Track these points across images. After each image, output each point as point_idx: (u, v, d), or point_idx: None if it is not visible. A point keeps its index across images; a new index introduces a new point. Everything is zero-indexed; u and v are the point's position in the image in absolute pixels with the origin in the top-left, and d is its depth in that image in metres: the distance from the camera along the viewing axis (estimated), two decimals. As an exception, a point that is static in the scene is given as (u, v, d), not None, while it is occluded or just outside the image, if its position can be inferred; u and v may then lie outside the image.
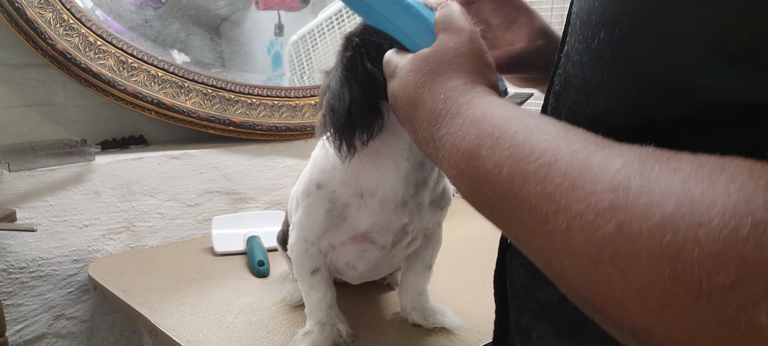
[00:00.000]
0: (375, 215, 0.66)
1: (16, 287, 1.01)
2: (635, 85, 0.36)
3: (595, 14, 0.38)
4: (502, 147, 0.35)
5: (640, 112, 0.35)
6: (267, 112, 1.27)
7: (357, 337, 0.74)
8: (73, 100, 1.12)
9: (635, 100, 0.36)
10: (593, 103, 0.39)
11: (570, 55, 0.42)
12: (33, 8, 0.99)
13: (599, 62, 0.38)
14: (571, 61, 0.42)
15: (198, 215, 1.20)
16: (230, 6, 1.26)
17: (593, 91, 0.39)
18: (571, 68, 0.42)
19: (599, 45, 0.37)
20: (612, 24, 0.36)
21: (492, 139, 0.37)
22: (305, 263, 0.71)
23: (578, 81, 0.41)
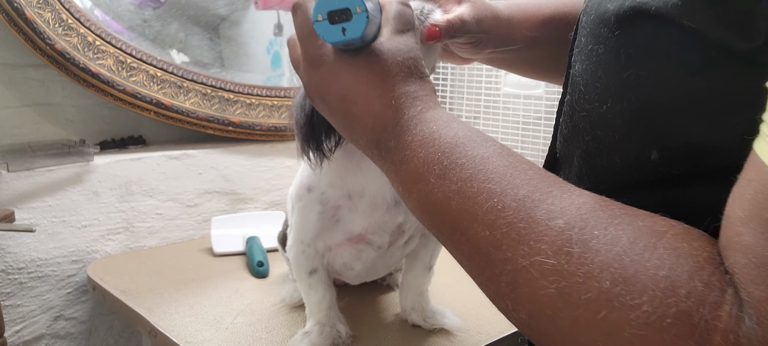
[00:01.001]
0: (367, 217, 0.66)
1: (15, 288, 1.01)
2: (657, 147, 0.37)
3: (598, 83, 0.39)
4: (451, 179, 0.37)
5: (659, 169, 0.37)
6: (266, 112, 1.27)
7: (357, 338, 0.74)
8: (72, 100, 1.12)
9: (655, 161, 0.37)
10: (608, 158, 0.40)
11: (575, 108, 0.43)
12: (32, 8, 0.99)
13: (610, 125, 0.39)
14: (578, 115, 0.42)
15: (197, 215, 1.20)
16: (229, 6, 1.26)
17: (606, 148, 0.40)
18: (579, 121, 0.42)
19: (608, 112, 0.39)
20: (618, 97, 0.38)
21: (440, 168, 0.38)
22: (303, 264, 0.71)
23: (588, 134, 0.42)
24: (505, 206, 0.34)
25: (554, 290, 0.31)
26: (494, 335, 0.76)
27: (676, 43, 0.34)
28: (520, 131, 1.23)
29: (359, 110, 0.43)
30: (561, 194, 0.34)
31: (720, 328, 0.26)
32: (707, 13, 0.32)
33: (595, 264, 0.30)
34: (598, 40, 0.39)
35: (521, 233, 0.33)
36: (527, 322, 0.33)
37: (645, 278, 0.28)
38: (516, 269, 0.33)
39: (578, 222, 0.32)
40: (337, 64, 0.44)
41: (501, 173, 0.36)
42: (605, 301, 0.29)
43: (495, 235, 0.34)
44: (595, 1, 0.41)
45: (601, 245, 0.30)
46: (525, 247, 0.32)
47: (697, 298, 0.27)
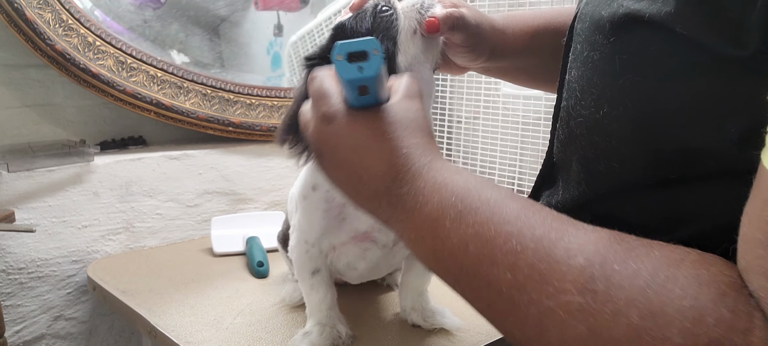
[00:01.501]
0: None
1: (15, 288, 1.01)
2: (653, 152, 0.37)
3: (594, 89, 0.40)
4: (467, 223, 0.37)
5: (656, 174, 0.37)
6: (266, 112, 1.27)
7: (356, 338, 0.74)
8: (72, 100, 1.12)
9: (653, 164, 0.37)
10: (606, 162, 0.40)
11: (572, 114, 0.43)
12: (32, 9, 0.99)
13: (606, 130, 0.40)
14: (575, 120, 0.43)
15: (197, 215, 1.20)
16: (229, 6, 1.26)
17: (603, 153, 0.41)
18: (576, 127, 0.43)
19: (604, 118, 0.39)
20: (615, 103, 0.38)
21: (455, 212, 0.38)
22: (306, 264, 0.71)
23: (585, 140, 0.42)
24: (525, 247, 0.34)
25: (585, 330, 0.31)
26: (494, 334, 0.76)
27: (670, 50, 0.34)
28: (520, 132, 1.23)
29: (371, 159, 0.44)
30: (575, 231, 0.34)
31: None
32: (698, 21, 0.32)
33: (622, 300, 0.30)
34: (593, 46, 0.40)
35: (544, 273, 0.33)
36: None
37: (671, 310, 0.28)
38: (542, 310, 0.32)
39: (597, 258, 0.32)
40: (351, 118, 0.45)
41: (515, 215, 0.36)
42: (636, 337, 0.29)
43: (517, 277, 0.34)
44: (590, 9, 0.41)
45: (624, 280, 0.30)
46: (549, 287, 0.32)
47: (727, 325, 0.27)
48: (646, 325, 0.29)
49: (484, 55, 0.63)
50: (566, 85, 0.45)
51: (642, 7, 0.35)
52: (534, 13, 0.68)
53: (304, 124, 0.50)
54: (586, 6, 0.43)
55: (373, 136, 0.44)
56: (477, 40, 0.61)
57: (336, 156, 0.46)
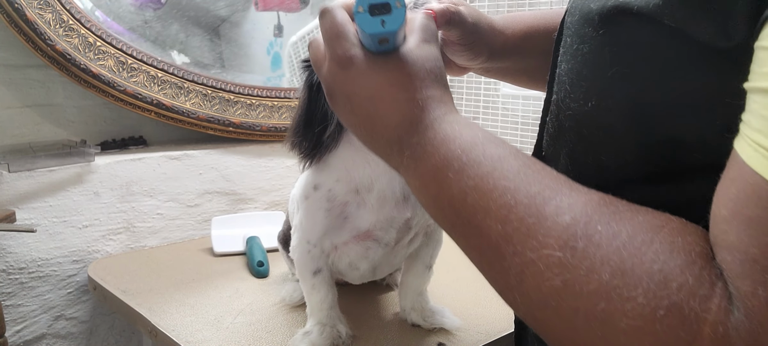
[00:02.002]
0: (376, 212, 0.67)
1: (16, 288, 1.01)
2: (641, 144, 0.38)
3: (584, 81, 0.41)
4: (468, 175, 0.39)
5: (644, 167, 0.38)
6: (266, 112, 1.27)
7: (356, 338, 0.74)
8: (73, 100, 1.12)
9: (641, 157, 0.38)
10: (594, 156, 0.41)
11: (561, 107, 0.44)
12: (33, 9, 0.99)
13: (595, 123, 0.41)
14: (564, 114, 0.44)
15: (197, 215, 1.20)
16: (230, 7, 1.27)
17: (592, 146, 0.42)
18: (565, 120, 0.44)
19: (593, 110, 0.40)
20: (604, 95, 0.39)
21: (459, 164, 0.40)
22: (307, 265, 0.71)
23: (574, 133, 0.43)
24: (518, 202, 0.36)
25: (559, 282, 0.32)
26: (493, 334, 0.76)
27: (658, 42, 0.35)
28: (519, 131, 1.23)
29: (386, 109, 0.44)
30: (569, 191, 0.36)
31: (709, 320, 0.28)
32: (686, 13, 0.33)
33: (597, 258, 0.31)
34: (583, 39, 0.40)
35: (531, 227, 0.34)
36: (532, 313, 0.35)
37: (641, 271, 0.30)
38: (524, 261, 0.34)
39: (583, 218, 0.33)
40: (368, 66, 0.45)
41: (515, 172, 0.37)
42: (604, 293, 0.30)
43: (507, 229, 0.36)
44: (579, 2, 0.42)
45: (603, 240, 0.32)
46: (533, 241, 0.34)
47: (688, 291, 0.28)
48: (615, 283, 0.30)
49: (483, 55, 0.63)
50: (556, 79, 0.45)
51: (630, 0, 0.36)
52: (534, 14, 0.68)
53: (317, 61, 0.49)
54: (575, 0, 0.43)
55: (389, 86, 0.44)
56: (475, 38, 0.61)
57: (350, 101, 0.46)
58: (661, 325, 0.28)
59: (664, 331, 0.28)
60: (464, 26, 0.60)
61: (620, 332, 0.30)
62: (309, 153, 0.64)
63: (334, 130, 0.62)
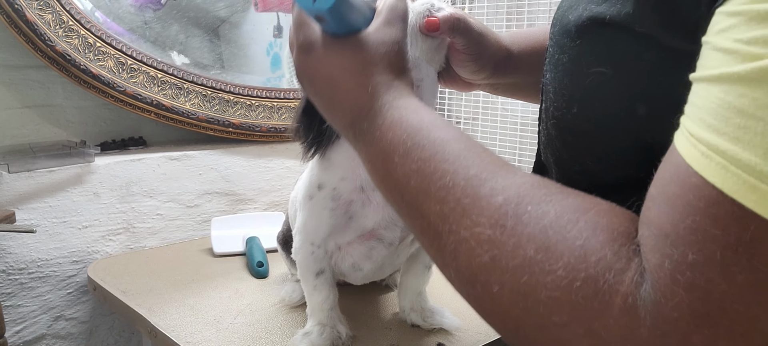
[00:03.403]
0: (381, 209, 0.66)
1: (16, 288, 1.01)
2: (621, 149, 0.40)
3: (565, 90, 0.42)
4: (412, 159, 0.41)
5: (626, 172, 0.40)
6: (266, 113, 1.27)
7: (356, 338, 0.74)
8: (73, 101, 1.13)
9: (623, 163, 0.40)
10: (581, 163, 0.43)
11: (548, 115, 0.46)
12: (33, 10, 0.99)
13: (577, 130, 0.42)
14: (550, 122, 0.45)
15: (197, 216, 1.20)
16: (229, 8, 1.27)
17: (577, 153, 0.43)
18: (551, 128, 0.45)
19: (575, 118, 0.42)
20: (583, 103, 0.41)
21: (404, 148, 0.42)
22: (310, 266, 0.71)
23: (559, 140, 0.45)
24: (455, 184, 0.38)
25: (488, 258, 0.34)
26: (493, 334, 0.77)
27: (631, 49, 0.37)
28: (519, 133, 1.24)
29: (341, 93, 0.47)
30: (506, 173, 0.37)
31: (621, 291, 0.29)
32: (656, 20, 0.34)
33: (524, 236, 0.33)
34: (563, 49, 0.42)
35: (466, 208, 0.36)
36: (465, 288, 0.37)
37: (563, 247, 0.31)
38: (458, 239, 0.36)
39: (515, 198, 0.35)
40: (325, 50, 0.48)
41: (456, 155, 0.39)
42: (527, 267, 0.32)
43: (443, 209, 0.38)
44: (560, 14, 0.43)
45: (532, 219, 0.34)
46: (467, 220, 0.36)
47: (606, 265, 0.30)
48: (538, 257, 0.32)
49: (488, 68, 0.64)
50: (543, 88, 0.47)
51: (603, 10, 0.38)
52: (538, 30, 0.70)
53: (291, 45, 0.53)
54: (557, 11, 0.45)
55: (343, 71, 0.47)
56: (480, 49, 0.62)
57: (313, 85, 0.50)
58: (576, 295, 0.30)
59: (579, 301, 0.30)
60: (470, 35, 0.61)
61: (540, 302, 0.31)
62: (312, 142, 0.64)
63: None
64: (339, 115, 0.48)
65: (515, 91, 0.72)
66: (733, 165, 0.25)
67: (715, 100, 0.27)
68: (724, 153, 0.26)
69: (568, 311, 0.30)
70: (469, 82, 0.68)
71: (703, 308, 0.26)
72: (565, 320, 0.30)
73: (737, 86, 0.26)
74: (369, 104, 0.46)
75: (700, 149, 0.27)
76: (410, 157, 0.41)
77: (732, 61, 0.26)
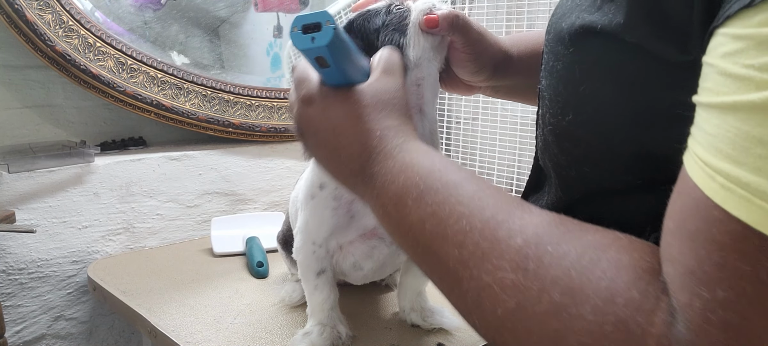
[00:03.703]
0: None
1: (16, 288, 1.01)
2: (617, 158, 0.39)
3: (560, 97, 0.42)
4: (426, 203, 0.40)
5: (623, 178, 0.39)
6: (266, 113, 1.27)
7: (356, 338, 0.74)
8: (73, 101, 1.13)
9: (619, 170, 0.39)
10: (577, 168, 0.43)
11: (544, 122, 0.46)
12: (33, 10, 0.99)
13: (573, 136, 0.42)
14: (546, 128, 0.45)
15: (197, 216, 1.20)
16: (229, 8, 1.27)
17: (574, 159, 0.43)
18: (548, 134, 0.45)
19: (570, 125, 0.42)
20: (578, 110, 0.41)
21: (418, 192, 0.41)
22: (312, 265, 0.71)
23: (556, 147, 0.44)
24: (473, 227, 0.37)
25: (514, 304, 0.33)
26: (492, 334, 0.77)
27: (623, 58, 0.37)
28: (518, 134, 1.24)
29: (348, 140, 0.47)
30: (522, 213, 0.37)
31: (654, 333, 0.28)
32: (647, 30, 0.34)
33: (548, 279, 0.32)
34: (557, 57, 0.42)
35: (486, 251, 0.36)
36: (492, 336, 0.36)
37: (589, 290, 0.31)
38: (481, 285, 0.35)
39: (534, 239, 0.34)
40: (328, 100, 0.49)
41: (470, 196, 0.39)
42: (554, 312, 0.32)
43: (463, 254, 0.37)
44: (554, 21, 0.44)
45: (554, 260, 0.33)
46: (488, 264, 0.35)
47: (635, 306, 0.29)
48: (564, 301, 0.31)
49: (487, 69, 0.64)
50: (539, 95, 0.47)
51: (595, 19, 0.38)
52: (538, 33, 0.70)
53: (290, 107, 0.53)
54: (552, 18, 0.45)
55: (348, 118, 0.47)
56: (480, 49, 0.62)
57: (316, 136, 0.50)
58: (608, 341, 0.29)
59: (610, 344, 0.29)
60: (469, 34, 0.61)
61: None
62: None
63: None
64: (345, 163, 0.47)
65: (515, 93, 0.72)
66: (758, 197, 0.25)
67: (732, 130, 0.26)
68: (746, 185, 0.25)
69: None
70: (469, 85, 0.68)
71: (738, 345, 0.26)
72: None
73: (755, 115, 0.25)
74: (378, 148, 0.45)
75: (719, 181, 0.26)
76: (424, 200, 0.40)
77: (745, 89, 0.26)
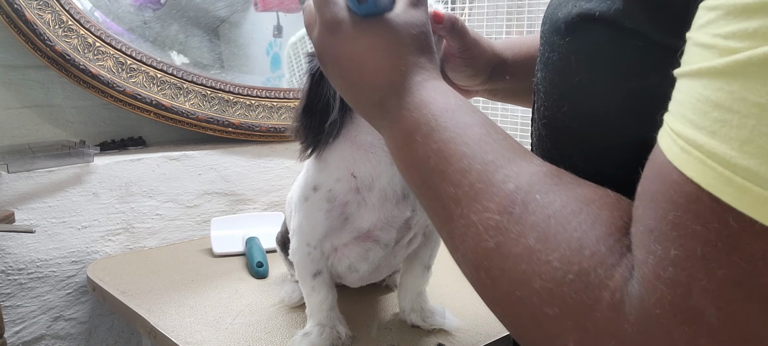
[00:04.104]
0: (376, 211, 0.66)
1: (15, 289, 1.01)
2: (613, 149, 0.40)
3: (555, 89, 0.43)
4: (433, 139, 0.41)
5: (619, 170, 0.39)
6: (266, 113, 1.27)
7: (356, 339, 0.74)
8: (72, 101, 1.12)
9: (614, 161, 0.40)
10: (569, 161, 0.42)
11: (539, 116, 0.46)
12: (32, 10, 0.99)
13: (568, 128, 0.42)
14: (541, 122, 0.46)
15: (197, 216, 1.20)
16: (229, 7, 1.27)
17: (566, 152, 0.43)
18: (542, 128, 0.46)
19: (565, 117, 0.42)
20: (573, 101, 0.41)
21: (427, 129, 0.42)
22: (307, 267, 0.71)
23: (549, 141, 0.45)
24: (472, 168, 0.38)
25: (493, 244, 0.35)
26: (493, 335, 0.76)
27: (620, 46, 0.37)
28: (519, 134, 1.24)
29: (370, 71, 0.46)
30: (522, 161, 0.37)
31: (610, 286, 0.29)
32: (646, 16, 0.34)
33: (528, 224, 0.33)
34: (552, 48, 0.42)
35: (478, 192, 0.37)
36: (470, 273, 0.37)
37: (561, 238, 0.32)
38: (468, 223, 0.37)
39: (526, 186, 0.35)
40: (354, 30, 0.47)
41: (476, 139, 0.39)
42: (527, 256, 0.33)
43: (458, 192, 0.38)
44: (550, 11, 0.44)
45: (538, 208, 0.34)
46: (478, 205, 0.36)
47: (599, 259, 0.30)
48: (537, 247, 0.32)
49: (483, 74, 0.65)
50: (534, 88, 0.47)
51: (592, 7, 0.38)
52: (533, 37, 0.70)
53: (309, 26, 0.52)
54: (547, 9, 0.45)
55: (373, 50, 0.46)
56: (475, 52, 0.63)
57: (338, 65, 0.49)
58: (568, 288, 0.30)
59: (569, 294, 0.30)
60: (465, 38, 0.61)
61: (534, 292, 0.32)
62: (311, 141, 0.64)
63: (335, 119, 0.62)
64: (366, 93, 0.47)
65: (512, 96, 0.73)
66: (711, 159, 0.25)
67: (695, 95, 0.27)
68: (701, 147, 0.26)
69: (559, 303, 0.30)
70: (466, 89, 0.69)
71: (684, 304, 0.26)
72: (556, 312, 0.31)
73: (715, 80, 0.26)
74: (399, 82, 0.45)
75: (680, 145, 0.27)
76: (432, 137, 0.41)
77: (711, 56, 0.26)
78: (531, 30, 1.26)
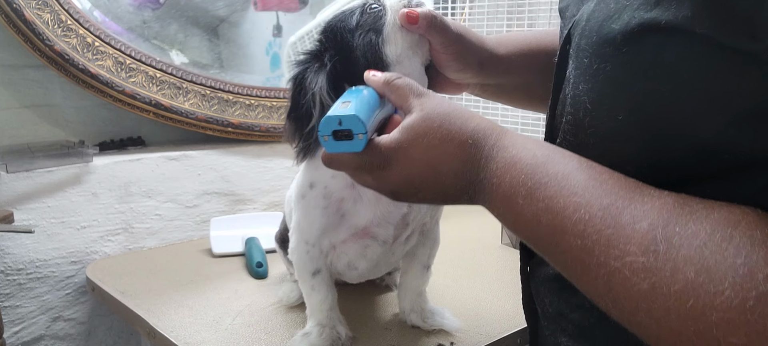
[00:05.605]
0: (373, 207, 0.66)
1: (14, 289, 1.01)
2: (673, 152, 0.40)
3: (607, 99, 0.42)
4: (537, 199, 0.41)
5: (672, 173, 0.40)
6: (265, 113, 1.27)
7: (356, 339, 0.74)
8: (71, 101, 1.12)
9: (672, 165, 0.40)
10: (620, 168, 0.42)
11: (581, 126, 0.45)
12: (31, 9, 0.99)
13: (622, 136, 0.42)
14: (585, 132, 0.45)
15: (196, 216, 1.20)
16: (228, 7, 1.26)
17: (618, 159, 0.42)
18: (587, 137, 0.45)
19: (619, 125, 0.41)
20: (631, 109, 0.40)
21: (525, 190, 0.42)
22: (306, 265, 0.71)
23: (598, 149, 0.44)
24: (592, 216, 0.38)
25: (647, 286, 0.34)
26: (493, 335, 0.76)
27: (686, 53, 0.37)
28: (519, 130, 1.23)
29: (446, 165, 0.47)
30: (642, 197, 0.37)
31: None
32: (715, 21, 0.34)
33: (680, 258, 0.33)
34: (603, 59, 0.42)
35: (610, 238, 0.36)
36: (626, 318, 0.36)
37: (725, 267, 0.31)
38: (609, 271, 0.36)
39: (660, 221, 0.35)
40: (403, 150, 0.48)
41: (583, 186, 0.39)
42: (692, 290, 0.32)
43: (586, 243, 0.37)
44: (594, 25, 0.43)
45: (683, 241, 0.33)
46: (615, 250, 0.36)
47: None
48: (700, 280, 0.32)
49: (473, 67, 0.65)
50: (571, 100, 0.46)
51: (656, 15, 0.37)
52: (530, 33, 0.70)
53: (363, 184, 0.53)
54: (587, 23, 0.44)
55: (432, 148, 0.47)
56: (460, 47, 0.63)
57: (413, 185, 0.49)
58: (752, 314, 0.30)
59: (755, 319, 0.30)
60: (446, 33, 0.62)
61: (712, 325, 0.31)
62: (300, 145, 0.64)
63: (315, 125, 0.63)
64: (452, 184, 0.47)
65: (502, 93, 0.72)
66: None
67: None
68: None
69: (745, 331, 0.30)
70: (458, 84, 0.68)
71: None
72: (743, 340, 0.30)
73: None
74: (477, 154, 0.45)
75: None
76: (534, 197, 0.41)
77: None
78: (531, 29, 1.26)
